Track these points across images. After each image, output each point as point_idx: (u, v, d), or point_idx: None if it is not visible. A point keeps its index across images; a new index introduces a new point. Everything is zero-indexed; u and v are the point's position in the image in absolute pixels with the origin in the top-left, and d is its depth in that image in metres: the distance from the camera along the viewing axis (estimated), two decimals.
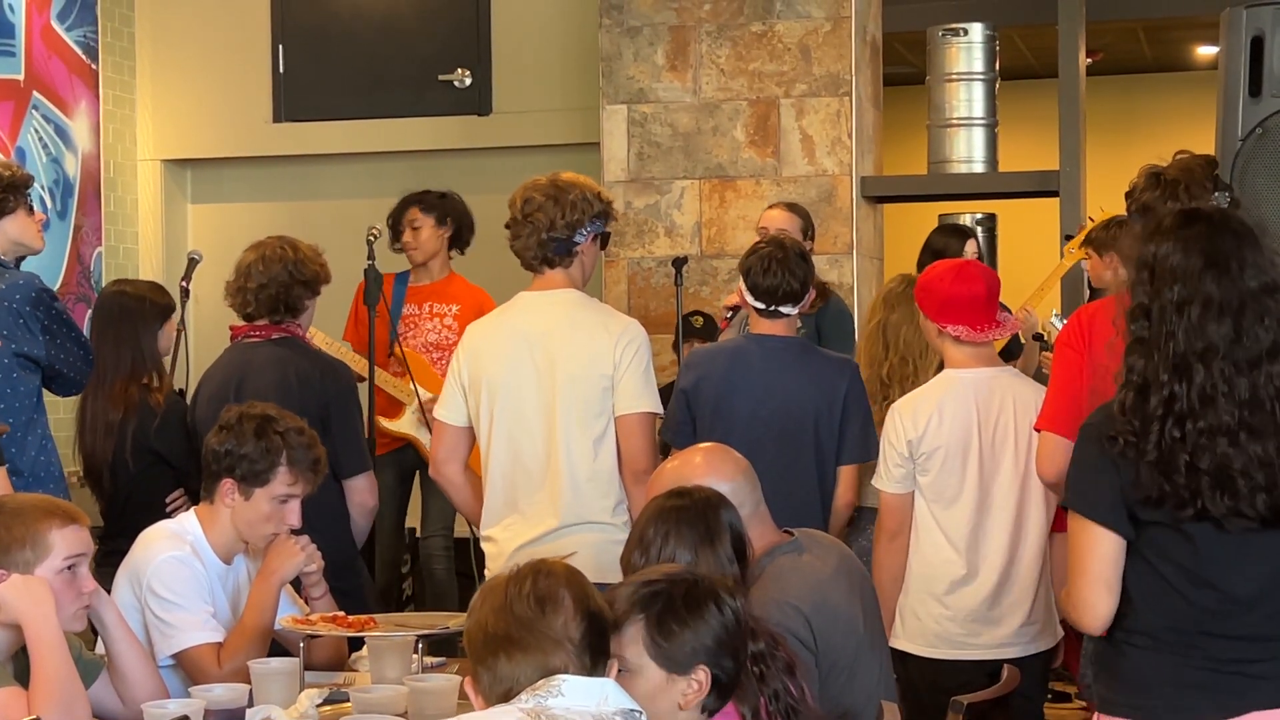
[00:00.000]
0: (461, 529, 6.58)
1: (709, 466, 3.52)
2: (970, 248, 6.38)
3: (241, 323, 5.10)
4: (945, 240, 6.58)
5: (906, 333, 4.88)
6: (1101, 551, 2.98)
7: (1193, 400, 2.87)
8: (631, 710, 2.50)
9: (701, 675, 2.73)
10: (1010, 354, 5.73)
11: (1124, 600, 3.01)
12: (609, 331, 4.39)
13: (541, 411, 4.36)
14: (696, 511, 3.24)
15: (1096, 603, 2.99)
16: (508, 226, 4.50)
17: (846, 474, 4.78)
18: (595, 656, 2.55)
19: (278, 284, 4.96)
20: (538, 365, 4.37)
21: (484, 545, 4.48)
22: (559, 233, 4.40)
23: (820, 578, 3.45)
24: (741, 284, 4.85)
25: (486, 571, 4.43)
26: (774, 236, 5.10)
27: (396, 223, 6.62)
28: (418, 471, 6.56)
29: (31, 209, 4.90)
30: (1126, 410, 2.93)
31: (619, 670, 2.69)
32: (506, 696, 2.51)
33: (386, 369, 6.27)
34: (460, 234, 6.68)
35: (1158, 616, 2.96)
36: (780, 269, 4.76)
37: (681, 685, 2.72)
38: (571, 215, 4.40)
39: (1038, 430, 3.92)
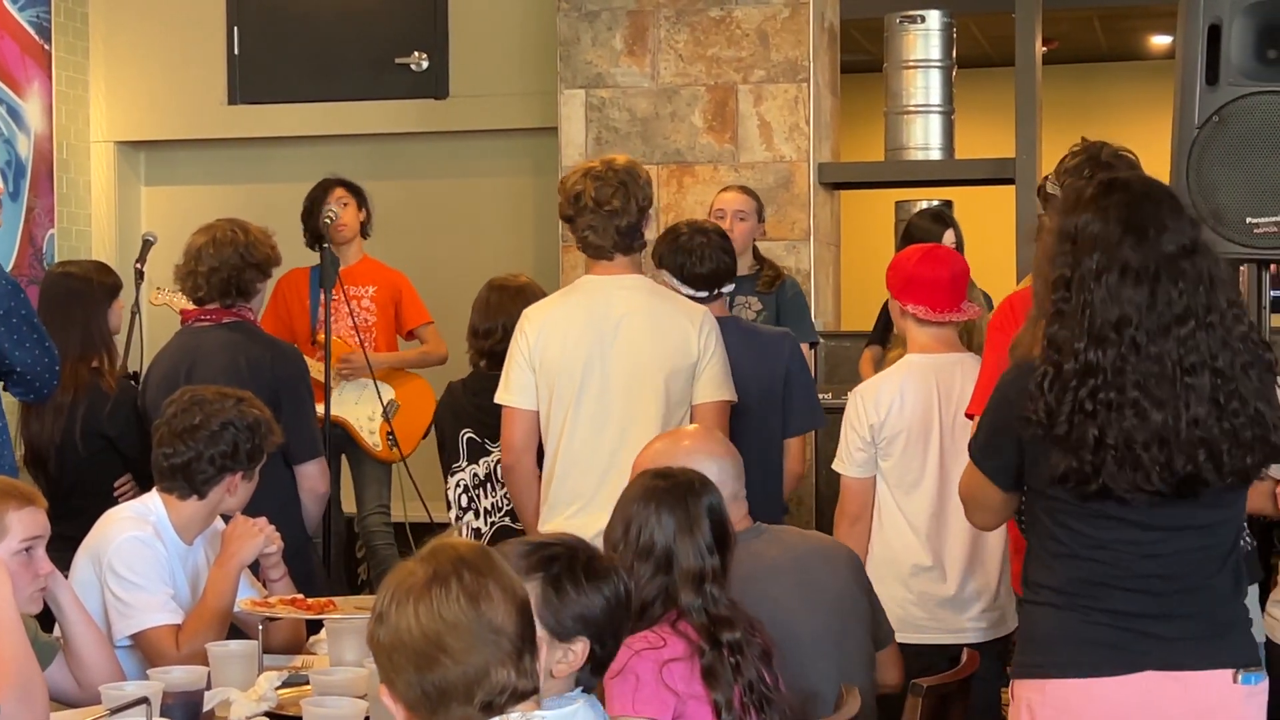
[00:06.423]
0: (413, 513, 6.55)
1: (696, 446, 3.54)
2: (949, 236, 6.38)
3: (192, 307, 5.06)
4: (926, 226, 6.56)
5: None
6: (990, 494, 3.13)
7: (1105, 370, 2.87)
8: None
9: (580, 647, 2.70)
10: None
11: (1030, 557, 3.06)
12: (691, 320, 4.41)
13: (622, 398, 4.34)
14: (676, 495, 3.24)
15: (985, 525, 3.31)
16: (569, 218, 4.48)
17: (794, 446, 4.83)
18: (530, 647, 2.45)
19: (229, 267, 4.92)
20: (619, 351, 4.35)
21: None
22: (633, 218, 4.42)
23: (755, 566, 3.44)
24: (667, 275, 4.82)
25: None
26: (689, 220, 5.10)
27: (318, 204, 6.59)
28: (343, 454, 6.55)
29: None
30: (1045, 388, 2.91)
31: None
32: (455, 706, 2.38)
33: (311, 356, 6.26)
34: (368, 221, 6.77)
35: (1060, 573, 2.98)
36: (716, 252, 4.80)
37: (559, 652, 2.69)
38: (642, 200, 4.44)
39: (969, 416, 3.93)
